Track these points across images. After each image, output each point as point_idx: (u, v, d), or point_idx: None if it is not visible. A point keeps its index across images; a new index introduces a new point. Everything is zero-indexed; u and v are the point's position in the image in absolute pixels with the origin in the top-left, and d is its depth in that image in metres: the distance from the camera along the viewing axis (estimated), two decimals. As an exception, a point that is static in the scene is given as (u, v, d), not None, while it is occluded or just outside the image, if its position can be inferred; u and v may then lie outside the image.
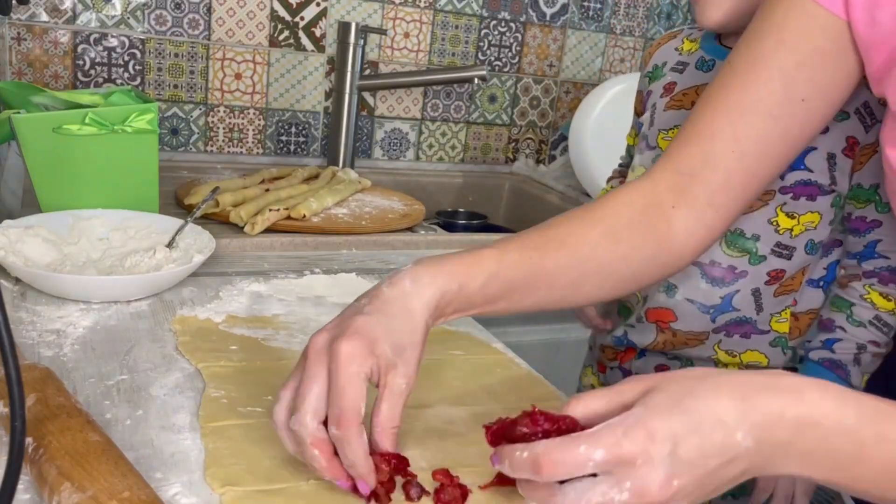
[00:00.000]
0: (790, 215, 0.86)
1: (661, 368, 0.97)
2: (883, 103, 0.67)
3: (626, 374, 1.01)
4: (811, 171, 0.84)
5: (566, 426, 0.49)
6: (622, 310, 1.01)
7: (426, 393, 0.74)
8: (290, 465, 0.59)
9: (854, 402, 0.49)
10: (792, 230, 0.87)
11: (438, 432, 0.67)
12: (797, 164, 0.84)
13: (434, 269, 0.62)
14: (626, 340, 0.98)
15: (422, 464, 0.61)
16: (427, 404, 0.72)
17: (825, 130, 0.82)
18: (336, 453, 0.55)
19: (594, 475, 0.46)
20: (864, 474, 0.49)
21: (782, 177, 0.85)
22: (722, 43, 0.92)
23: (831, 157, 0.84)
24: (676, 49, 0.98)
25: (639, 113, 1.04)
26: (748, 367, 0.92)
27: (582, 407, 0.50)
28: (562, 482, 0.47)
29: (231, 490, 0.56)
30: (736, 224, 0.86)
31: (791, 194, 0.85)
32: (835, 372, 0.87)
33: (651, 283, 0.75)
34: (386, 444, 0.56)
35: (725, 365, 0.93)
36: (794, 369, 0.91)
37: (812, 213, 0.86)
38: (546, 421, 0.50)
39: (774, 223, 0.87)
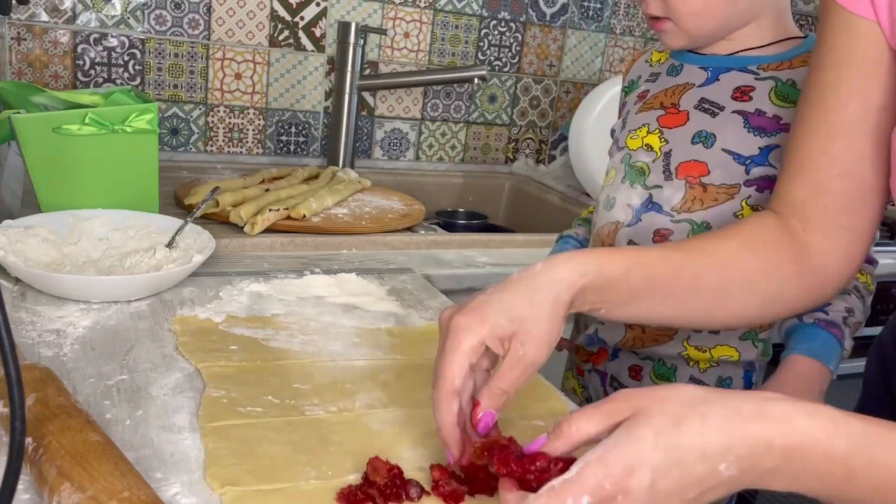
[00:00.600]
0: (754, 208, 0.87)
1: (635, 370, 0.97)
2: None
3: (602, 376, 1.01)
4: (774, 166, 0.85)
5: (539, 467, 0.51)
6: None
7: (426, 393, 0.74)
8: (290, 465, 0.59)
9: (845, 429, 0.48)
10: None
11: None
12: (761, 159, 0.86)
13: (571, 253, 0.64)
14: (597, 339, 0.98)
15: (422, 464, 0.61)
16: (427, 404, 0.72)
17: (786, 127, 0.84)
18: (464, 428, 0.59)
19: None
20: (856, 494, 0.49)
21: (748, 171, 0.86)
22: (691, 50, 0.93)
23: None
24: (647, 62, 1.00)
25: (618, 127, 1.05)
26: (720, 362, 0.93)
27: (574, 430, 0.50)
28: None
29: (231, 490, 0.56)
30: (702, 217, 0.88)
31: (755, 187, 0.86)
32: (831, 331, 0.88)
33: (799, 307, 0.75)
34: (486, 400, 0.58)
35: (697, 362, 0.94)
36: (774, 362, 0.91)
37: None
38: (517, 465, 0.51)
39: (740, 216, 0.87)
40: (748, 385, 0.95)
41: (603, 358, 1.01)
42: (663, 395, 0.50)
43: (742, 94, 0.87)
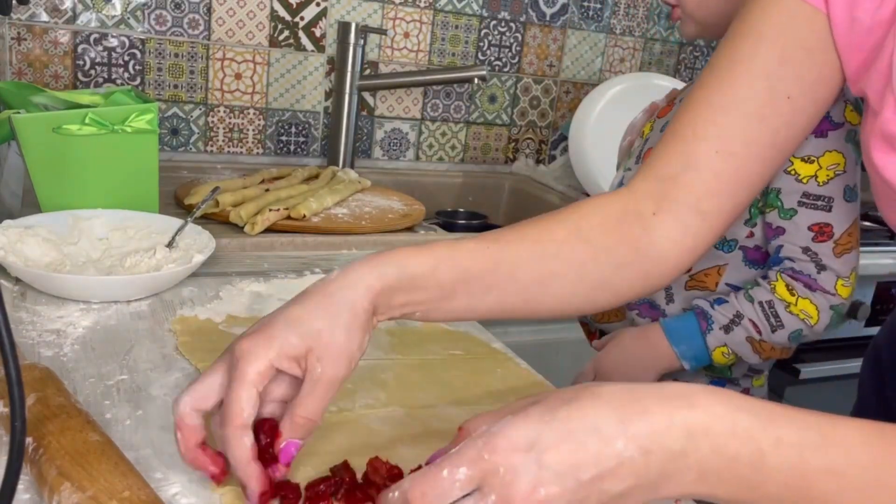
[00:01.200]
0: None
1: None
2: (863, 100, 0.66)
3: None
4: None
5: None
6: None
7: (426, 393, 0.74)
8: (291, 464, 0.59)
9: (746, 406, 0.45)
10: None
11: (438, 432, 0.67)
12: None
13: (371, 257, 0.58)
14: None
15: (422, 463, 0.61)
16: (427, 404, 0.72)
17: None
18: (204, 444, 0.54)
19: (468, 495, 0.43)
20: (768, 490, 0.45)
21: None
22: None
23: None
24: None
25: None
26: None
27: (472, 428, 0.48)
28: None
29: (231, 490, 0.56)
30: None
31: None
32: (697, 319, 0.89)
33: (632, 294, 0.69)
34: (288, 431, 0.53)
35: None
36: (772, 390, 0.93)
37: None
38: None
39: (749, 224, 0.89)
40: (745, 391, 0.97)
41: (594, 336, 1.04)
42: (564, 389, 0.48)
43: None
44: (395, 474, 0.57)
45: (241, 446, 0.52)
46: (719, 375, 0.95)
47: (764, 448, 0.44)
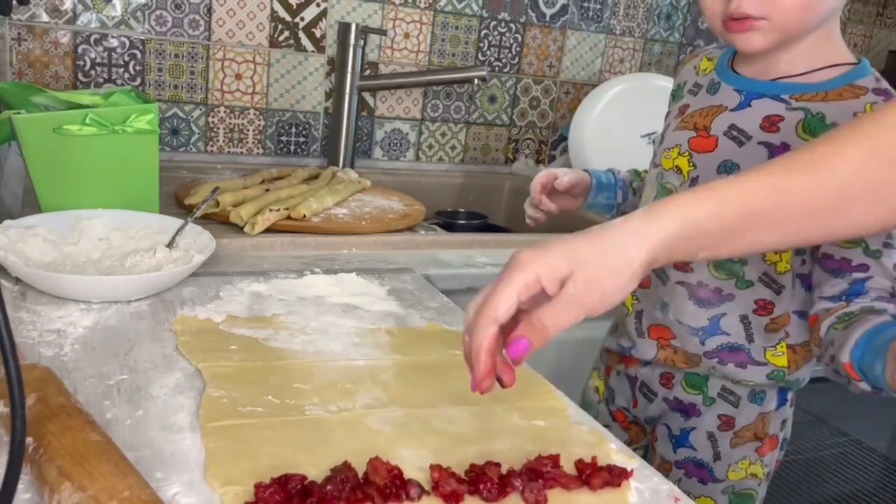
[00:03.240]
0: (775, 251, 0.86)
1: (666, 377, 0.97)
2: None
3: (632, 380, 1.01)
4: None
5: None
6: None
7: (426, 393, 0.74)
8: (291, 465, 0.59)
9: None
10: (776, 265, 0.87)
11: (439, 432, 0.67)
12: None
13: (653, 206, 0.60)
14: (630, 353, 0.99)
15: (422, 464, 0.61)
16: (427, 404, 0.72)
17: None
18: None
19: None
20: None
21: None
22: (733, 67, 0.91)
23: None
24: (695, 68, 0.97)
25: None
26: (745, 384, 0.92)
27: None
28: None
29: (231, 490, 0.56)
30: None
31: None
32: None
33: None
34: (523, 328, 0.57)
35: (723, 387, 0.93)
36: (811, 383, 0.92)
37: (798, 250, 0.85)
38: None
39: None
40: (783, 402, 0.94)
41: (634, 363, 1.00)
42: None
43: (771, 124, 0.84)
44: (395, 475, 0.57)
45: (487, 335, 0.58)
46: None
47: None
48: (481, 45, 1.81)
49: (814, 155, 0.61)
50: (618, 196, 1.10)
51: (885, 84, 0.83)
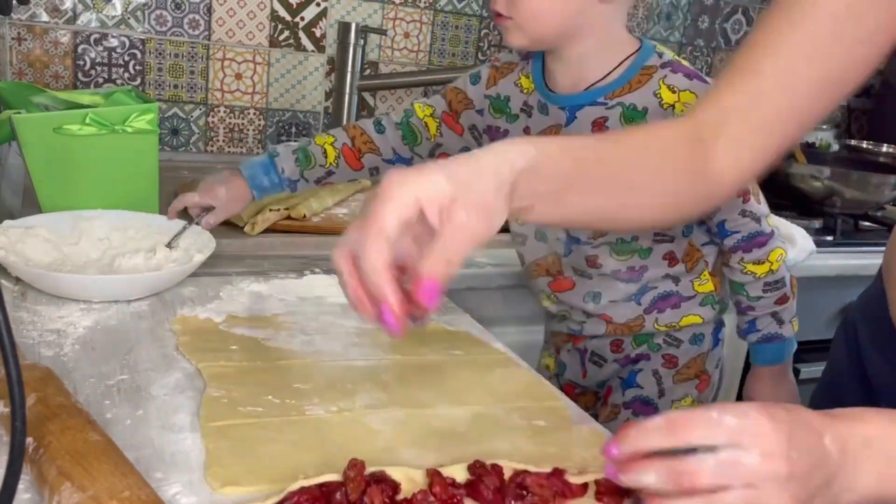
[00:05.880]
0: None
1: (615, 343, 1.03)
2: None
3: (582, 353, 1.06)
4: None
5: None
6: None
7: (426, 393, 0.74)
8: (291, 465, 0.59)
9: None
10: None
11: (438, 432, 0.67)
12: None
13: (509, 140, 0.62)
14: (581, 331, 1.04)
15: (422, 463, 0.61)
16: (427, 404, 0.72)
17: None
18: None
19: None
20: None
21: None
22: (549, 87, 0.97)
23: None
24: (516, 84, 1.01)
25: (456, 109, 1.07)
26: (688, 329, 1.02)
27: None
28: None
29: (231, 490, 0.56)
30: (610, 237, 0.96)
31: None
32: (773, 343, 1.00)
33: (692, 213, 0.77)
34: (428, 263, 0.53)
35: (667, 334, 1.02)
36: (721, 322, 1.06)
37: None
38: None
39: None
40: (716, 343, 1.05)
41: (583, 339, 1.06)
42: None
43: (599, 126, 0.92)
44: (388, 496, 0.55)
45: (381, 254, 0.51)
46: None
47: None
48: (481, 44, 1.81)
49: (607, 135, 0.74)
50: (286, 191, 1.09)
51: (667, 56, 0.93)
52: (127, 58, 1.53)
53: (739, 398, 1.30)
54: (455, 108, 1.07)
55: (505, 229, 1.16)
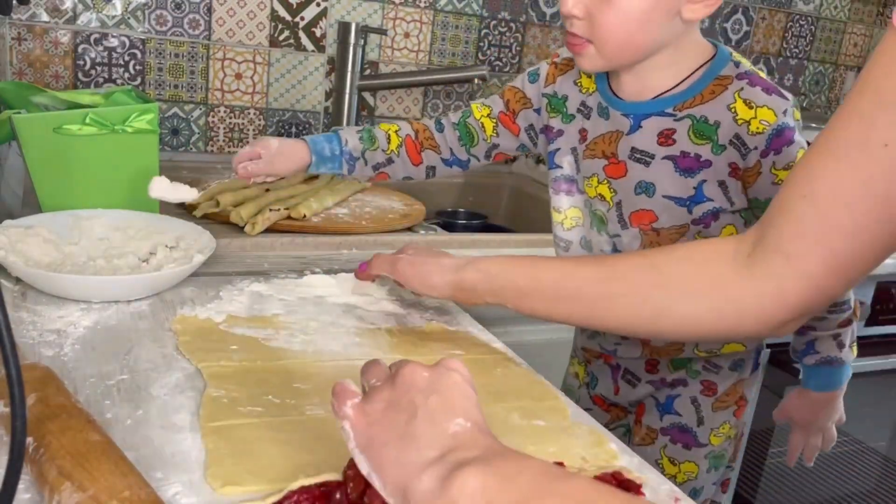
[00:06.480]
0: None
1: (651, 363, 1.00)
2: None
3: (614, 369, 1.04)
4: (712, 199, 0.88)
5: None
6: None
7: (426, 393, 0.74)
8: (291, 465, 0.59)
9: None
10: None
11: (438, 432, 0.67)
12: (699, 197, 0.88)
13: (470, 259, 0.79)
14: (615, 353, 1.01)
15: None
16: (427, 404, 0.72)
17: (709, 164, 0.86)
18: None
19: None
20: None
21: (690, 211, 0.88)
22: (612, 90, 0.93)
23: (721, 184, 0.87)
24: (576, 83, 0.97)
25: (514, 109, 1.02)
26: (729, 356, 0.98)
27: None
28: None
29: (231, 490, 0.56)
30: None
31: (702, 224, 0.89)
32: (831, 366, 0.96)
33: (703, 331, 0.73)
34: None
35: (707, 360, 0.97)
36: (762, 345, 1.03)
37: (727, 227, 0.89)
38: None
39: None
40: (755, 367, 1.01)
41: (612, 358, 1.03)
42: None
43: (666, 138, 0.88)
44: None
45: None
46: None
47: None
48: (481, 44, 1.81)
49: (603, 259, 0.81)
50: (343, 168, 1.07)
51: (744, 66, 0.87)
52: (127, 58, 1.53)
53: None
54: (512, 107, 1.02)
55: (544, 229, 1.17)
